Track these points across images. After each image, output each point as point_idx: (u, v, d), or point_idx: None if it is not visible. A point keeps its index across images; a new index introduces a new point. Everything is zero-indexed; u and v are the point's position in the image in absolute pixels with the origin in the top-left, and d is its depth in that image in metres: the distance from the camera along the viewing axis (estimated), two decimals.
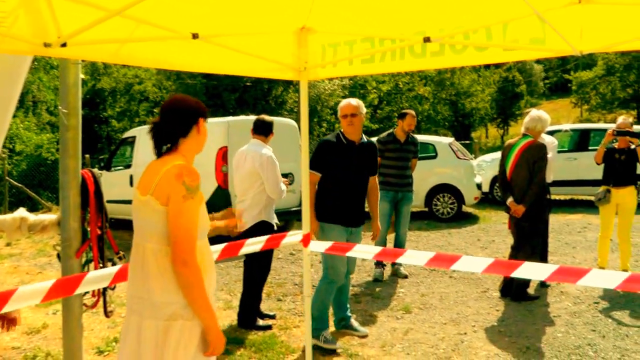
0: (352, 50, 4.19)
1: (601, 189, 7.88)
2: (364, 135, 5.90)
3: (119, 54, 3.58)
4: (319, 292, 5.75)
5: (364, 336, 6.00)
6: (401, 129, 8.45)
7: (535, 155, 6.80)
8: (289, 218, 11.18)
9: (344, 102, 5.82)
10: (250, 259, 6.22)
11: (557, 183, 10.93)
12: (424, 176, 12.30)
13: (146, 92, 33.55)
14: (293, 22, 4.15)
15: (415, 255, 4.04)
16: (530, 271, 3.56)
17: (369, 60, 4.18)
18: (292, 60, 4.42)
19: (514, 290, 7.12)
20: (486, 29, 3.65)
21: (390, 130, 8.63)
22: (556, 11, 3.28)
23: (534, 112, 7.05)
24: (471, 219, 13.74)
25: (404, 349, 5.61)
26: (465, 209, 14.28)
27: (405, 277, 8.34)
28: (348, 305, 6.19)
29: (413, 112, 8.63)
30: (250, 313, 6.26)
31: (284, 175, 6.33)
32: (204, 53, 3.96)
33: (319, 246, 4.78)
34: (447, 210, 13.52)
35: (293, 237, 4.72)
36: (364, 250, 4.49)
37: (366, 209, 5.97)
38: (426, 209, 13.71)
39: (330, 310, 5.93)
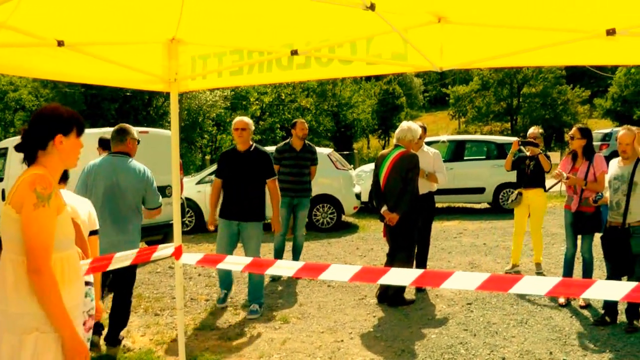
0: (222, 62, 4.22)
1: (515, 192, 8.70)
2: (254, 145, 7.06)
3: None
4: None
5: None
6: (296, 137, 9.05)
7: (408, 164, 7.01)
8: (168, 231, 10.98)
9: (237, 119, 7.09)
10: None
11: (435, 191, 11.32)
12: None
13: (22, 100, 32.15)
14: (163, 33, 4.14)
15: (284, 266, 4.10)
16: (396, 277, 3.65)
17: (237, 72, 4.24)
18: (162, 71, 4.40)
19: (390, 296, 7.30)
20: (351, 44, 3.78)
21: (287, 140, 9.24)
22: (417, 29, 3.46)
23: (403, 123, 7.37)
24: (351, 229, 13.97)
25: (281, 359, 5.65)
26: (345, 218, 14.52)
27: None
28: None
29: (302, 120, 9.50)
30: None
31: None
32: (71, 61, 3.87)
33: (191, 258, 4.74)
34: (327, 220, 13.67)
35: (164, 250, 4.66)
36: (234, 262, 4.47)
37: None
38: (306, 219, 13.71)
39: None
